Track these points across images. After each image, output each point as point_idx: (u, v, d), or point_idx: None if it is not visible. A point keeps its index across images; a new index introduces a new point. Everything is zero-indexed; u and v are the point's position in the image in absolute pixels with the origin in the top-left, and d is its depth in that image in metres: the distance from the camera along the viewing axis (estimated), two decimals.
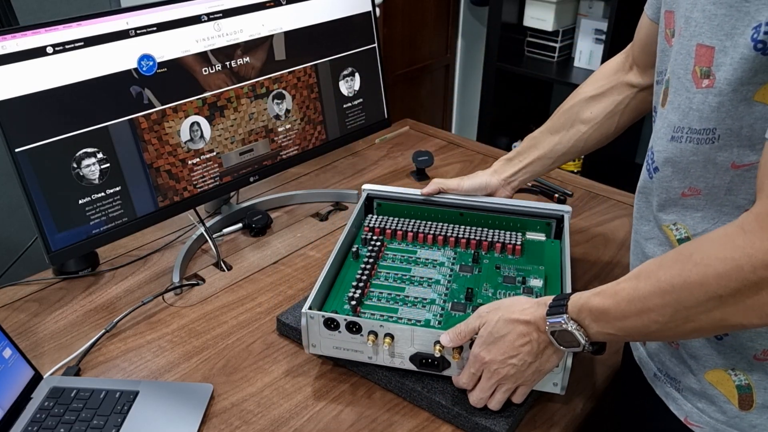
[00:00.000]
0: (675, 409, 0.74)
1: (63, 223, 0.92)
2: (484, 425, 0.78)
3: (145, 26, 0.96)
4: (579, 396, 0.85)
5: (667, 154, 0.67)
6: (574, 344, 0.69)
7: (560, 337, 0.69)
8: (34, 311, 1.01)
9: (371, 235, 1.01)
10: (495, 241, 0.98)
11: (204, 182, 1.07)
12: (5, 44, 0.84)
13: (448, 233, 1.00)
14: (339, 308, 0.86)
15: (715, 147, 0.62)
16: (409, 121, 1.67)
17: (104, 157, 0.95)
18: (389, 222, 1.03)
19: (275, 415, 0.82)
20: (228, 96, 1.07)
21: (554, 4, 2.40)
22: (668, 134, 0.66)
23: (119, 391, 0.82)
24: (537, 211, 1.02)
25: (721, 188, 0.63)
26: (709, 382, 0.69)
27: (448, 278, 0.92)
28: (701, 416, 0.70)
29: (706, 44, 0.60)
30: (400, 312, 0.86)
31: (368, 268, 0.92)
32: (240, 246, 1.17)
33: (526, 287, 0.90)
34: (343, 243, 0.95)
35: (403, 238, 1.01)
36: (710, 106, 0.61)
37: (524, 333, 0.72)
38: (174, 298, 1.03)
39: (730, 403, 0.68)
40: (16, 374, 0.81)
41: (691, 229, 0.67)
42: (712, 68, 0.60)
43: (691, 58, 0.62)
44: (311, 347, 0.84)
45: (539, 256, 0.97)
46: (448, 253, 0.98)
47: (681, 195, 0.67)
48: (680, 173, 0.66)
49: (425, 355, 0.80)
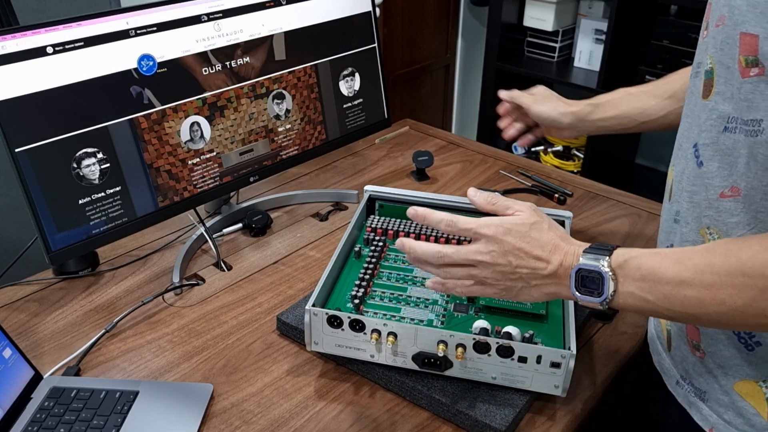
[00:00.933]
0: (699, 419, 0.71)
1: (63, 223, 0.92)
2: (485, 423, 0.78)
3: (145, 26, 0.96)
4: (579, 396, 0.85)
5: (718, 146, 0.64)
6: (594, 293, 0.63)
7: (583, 280, 0.64)
8: (34, 311, 1.01)
9: (373, 236, 1.01)
10: None
11: (204, 182, 1.07)
12: (5, 44, 0.84)
13: (450, 235, 1.00)
14: (342, 306, 0.86)
15: (759, 141, 0.60)
16: (409, 121, 1.67)
17: (104, 157, 0.95)
18: (391, 223, 1.03)
19: (275, 415, 0.82)
20: (228, 96, 1.07)
21: (554, 4, 2.40)
22: (720, 125, 0.63)
23: (119, 391, 0.82)
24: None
25: (759, 190, 0.61)
26: (738, 393, 0.67)
27: None
28: (728, 428, 0.68)
29: (750, 32, 0.58)
30: (402, 311, 0.86)
31: (371, 268, 0.92)
32: (240, 246, 1.17)
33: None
34: (346, 243, 0.95)
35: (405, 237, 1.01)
36: (762, 95, 0.58)
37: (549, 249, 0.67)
38: (174, 298, 1.03)
39: (759, 416, 0.66)
40: (16, 374, 0.81)
41: (725, 235, 0.65)
42: (759, 57, 0.58)
43: (736, 47, 0.60)
44: (313, 345, 0.84)
45: None
46: None
47: (719, 196, 0.65)
48: (726, 168, 0.63)
49: (428, 354, 0.80)
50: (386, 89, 1.33)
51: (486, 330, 0.81)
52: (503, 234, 0.68)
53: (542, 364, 0.77)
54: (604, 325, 0.98)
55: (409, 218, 1.04)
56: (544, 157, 2.62)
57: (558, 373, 0.77)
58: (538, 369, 0.78)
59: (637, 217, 1.26)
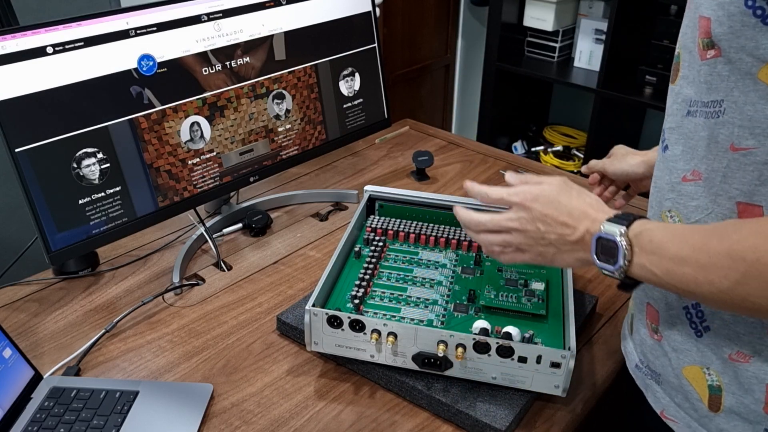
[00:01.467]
0: (653, 401, 0.73)
1: (63, 223, 0.92)
2: (485, 423, 0.78)
3: (145, 26, 0.96)
4: (579, 396, 0.85)
5: (682, 129, 0.65)
6: (611, 262, 0.64)
7: (602, 246, 0.65)
8: (34, 311, 1.01)
9: (373, 236, 1.01)
10: None
11: (204, 182, 1.07)
12: (5, 44, 0.84)
13: (450, 235, 1.00)
14: (342, 306, 0.86)
15: (720, 122, 0.60)
16: (409, 121, 1.67)
17: (104, 157, 0.95)
18: (391, 223, 1.03)
19: (275, 415, 0.82)
20: (228, 96, 1.07)
21: (554, 4, 2.40)
22: (683, 109, 0.65)
23: (119, 391, 0.82)
24: None
25: (719, 173, 0.62)
26: (685, 377, 0.69)
27: (450, 280, 0.92)
28: (678, 411, 0.70)
29: (705, 15, 0.59)
30: (402, 311, 0.86)
31: (370, 268, 0.92)
32: (240, 246, 1.17)
33: (528, 290, 0.90)
34: (346, 243, 0.95)
35: (405, 240, 1.01)
36: (720, 76, 0.59)
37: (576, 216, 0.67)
38: (174, 298, 1.03)
39: (701, 402, 0.67)
40: (16, 374, 0.81)
41: (685, 219, 0.67)
42: (712, 38, 0.58)
43: (696, 30, 0.61)
44: (313, 345, 0.84)
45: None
46: (449, 255, 0.98)
47: (681, 179, 0.66)
48: (689, 152, 0.65)
49: (428, 354, 0.80)
50: (386, 89, 1.33)
51: (486, 330, 0.81)
52: (531, 201, 0.69)
53: (542, 364, 0.77)
54: (604, 325, 0.98)
55: (409, 219, 1.04)
56: (544, 157, 2.62)
57: (558, 373, 0.77)
58: (538, 369, 0.78)
59: None
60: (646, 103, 2.29)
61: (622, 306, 1.02)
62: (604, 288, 1.06)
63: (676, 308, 0.69)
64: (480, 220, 0.74)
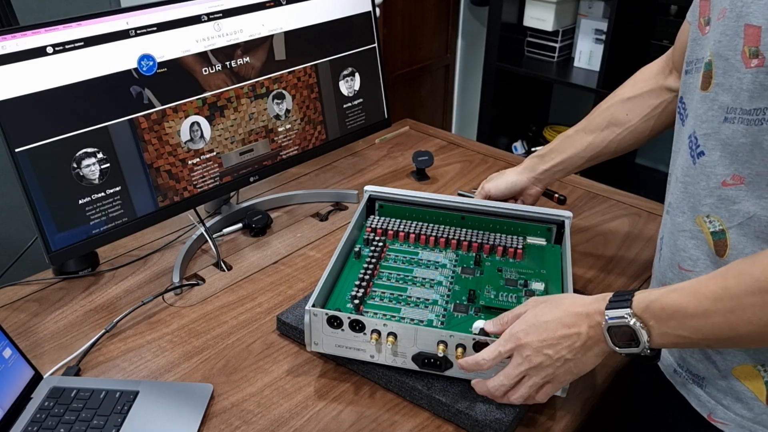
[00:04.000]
0: (697, 405, 0.72)
1: (63, 223, 0.92)
2: (485, 423, 0.78)
3: (145, 26, 0.96)
4: (579, 396, 0.85)
5: (720, 135, 0.65)
6: (633, 344, 0.64)
7: (617, 334, 0.65)
8: (34, 311, 1.01)
9: (373, 236, 1.01)
10: (496, 244, 0.98)
11: (204, 182, 1.07)
12: (5, 44, 0.84)
13: (450, 236, 1.00)
14: (342, 307, 0.86)
15: (764, 129, 0.60)
16: (409, 121, 1.67)
17: (104, 157, 0.95)
18: (391, 223, 1.03)
19: (275, 415, 0.82)
20: (228, 96, 1.07)
21: (554, 4, 2.40)
22: (720, 116, 0.65)
23: (119, 391, 0.82)
24: (538, 215, 1.02)
25: (764, 176, 0.62)
26: (736, 377, 0.68)
27: (450, 280, 0.92)
28: (726, 413, 0.69)
29: (754, 24, 0.59)
30: (402, 312, 0.86)
31: (370, 268, 0.92)
32: (240, 246, 1.17)
33: (528, 290, 0.90)
34: (346, 243, 0.95)
35: (405, 240, 1.01)
36: (762, 85, 0.59)
37: (570, 324, 0.68)
38: (174, 298, 1.03)
39: (757, 400, 0.67)
40: (16, 374, 0.81)
41: (726, 222, 0.66)
42: (760, 47, 0.59)
43: (740, 38, 0.61)
44: (313, 345, 0.84)
45: (540, 260, 0.97)
46: (449, 255, 0.98)
47: (721, 184, 0.66)
48: (728, 157, 0.64)
49: (428, 354, 0.80)
50: (386, 89, 1.33)
51: (485, 330, 0.81)
52: (524, 338, 0.71)
53: None
54: None
55: (410, 219, 1.04)
56: None
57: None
58: None
59: (637, 217, 1.26)
60: None
61: None
62: (603, 288, 1.06)
63: None
64: (495, 384, 0.74)
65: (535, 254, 0.98)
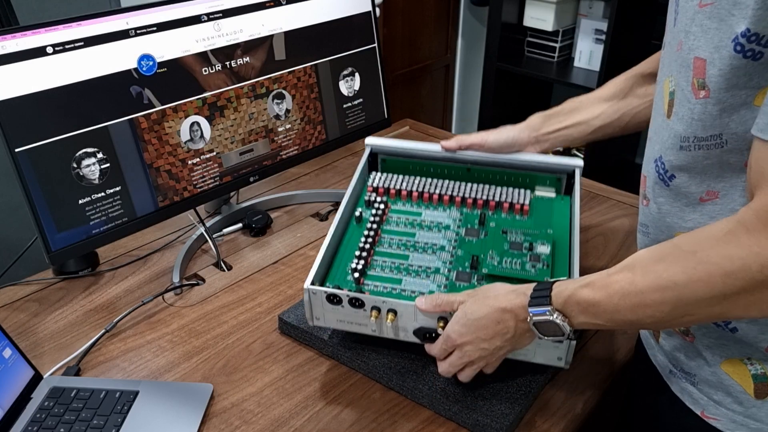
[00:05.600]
0: (691, 403, 0.73)
1: (63, 223, 0.92)
2: (485, 423, 0.78)
3: (145, 26, 0.96)
4: (579, 396, 0.85)
5: (679, 162, 0.67)
6: (558, 333, 0.69)
7: (542, 327, 0.70)
8: (34, 311, 1.01)
9: (375, 196, 0.98)
10: (502, 200, 0.95)
11: (204, 182, 1.07)
12: (5, 44, 0.84)
13: (454, 192, 0.97)
14: (342, 280, 0.85)
15: (726, 150, 0.62)
16: (409, 121, 1.67)
17: (104, 157, 0.95)
18: (394, 181, 1.00)
19: (275, 415, 0.82)
20: (228, 96, 1.07)
21: (554, 4, 2.40)
22: (676, 144, 0.67)
23: (119, 391, 0.82)
24: (547, 165, 0.98)
25: (737, 188, 0.63)
26: (725, 372, 0.69)
27: (453, 244, 0.91)
28: (718, 408, 0.70)
29: (701, 57, 0.61)
30: (403, 283, 0.85)
31: (371, 235, 0.90)
32: (240, 246, 1.17)
33: (533, 254, 0.88)
34: (346, 206, 0.93)
35: (407, 198, 0.98)
36: (711, 115, 0.61)
37: (499, 320, 0.73)
38: (174, 298, 1.03)
39: (746, 393, 0.68)
40: (16, 374, 0.81)
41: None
42: (706, 80, 0.61)
43: (690, 70, 0.63)
44: (315, 320, 0.84)
45: (548, 218, 0.94)
46: (453, 214, 0.95)
47: (699, 200, 0.67)
48: (697, 177, 0.66)
49: (429, 329, 0.80)
50: (386, 89, 1.33)
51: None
52: (458, 339, 0.76)
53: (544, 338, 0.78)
54: None
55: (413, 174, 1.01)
56: None
57: (561, 345, 0.77)
58: (541, 343, 0.77)
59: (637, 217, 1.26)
60: None
61: None
62: None
63: None
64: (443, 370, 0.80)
65: (543, 210, 0.95)
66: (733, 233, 0.56)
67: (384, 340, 0.88)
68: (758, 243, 0.54)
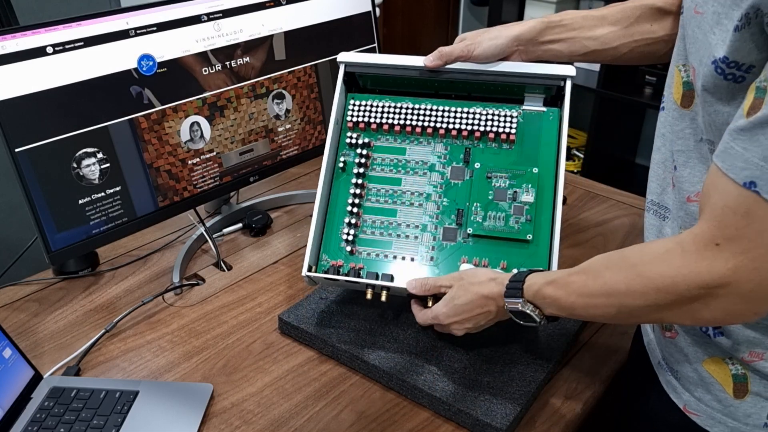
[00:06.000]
0: (674, 397, 0.75)
1: (63, 223, 0.92)
2: (485, 422, 0.78)
3: (145, 26, 0.96)
4: (579, 396, 0.85)
5: (692, 154, 0.67)
6: (531, 321, 0.74)
7: (517, 315, 0.75)
8: (34, 311, 1.01)
9: (356, 136, 0.94)
10: (488, 130, 0.92)
11: (204, 182, 1.07)
12: (5, 44, 0.84)
13: (438, 123, 0.93)
14: (335, 250, 0.91)
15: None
16: None
17: (104, 157, 0.95)
18: (374, 111, 0.95)
19: (275, 415, 0.82)
20: (228, 96, 1.07)
21: (554, 4, 2.41)
22: (697, 135, 0.67)
23: (119, 391, 0.82)
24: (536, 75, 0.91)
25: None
26: (706, 370, 0.70)
27: (439, 191, 0.91)
28: (698, 404, 0.71)
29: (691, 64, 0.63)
30: (393, 246, 0.90)
31: (358, 189, 0.92)
32: (240, 246, 1.17)
33: (517, 204, 0.88)
34: (330, 151, 0.92)
35: (389, 131, 0.95)
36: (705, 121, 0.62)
37: (482, 305, 0.78)
38: (174, 298, 1.03)
39: (725, 392, 0.68)
40: (16, 374, 0.81)
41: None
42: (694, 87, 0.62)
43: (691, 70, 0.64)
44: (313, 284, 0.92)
45: (535, 147, 0.91)
46: (438, 150, 0.93)
47: (686, 199, 0.68)
48: (696, 176, 0.67)
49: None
50: None
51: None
52: (445, 320, 0.81)
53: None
54: (604, 324, 0.98)
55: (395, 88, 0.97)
56: None
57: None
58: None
59: (637, 217, 1.26)
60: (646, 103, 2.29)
61: None
62: None
63: None
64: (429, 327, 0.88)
65: (531, 134, 0.92)
66: (670, 252, 0.60)
67: (384, 340, 0.89)
68: (687, 265, 0.58)
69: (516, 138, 0.92)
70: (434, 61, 0.93)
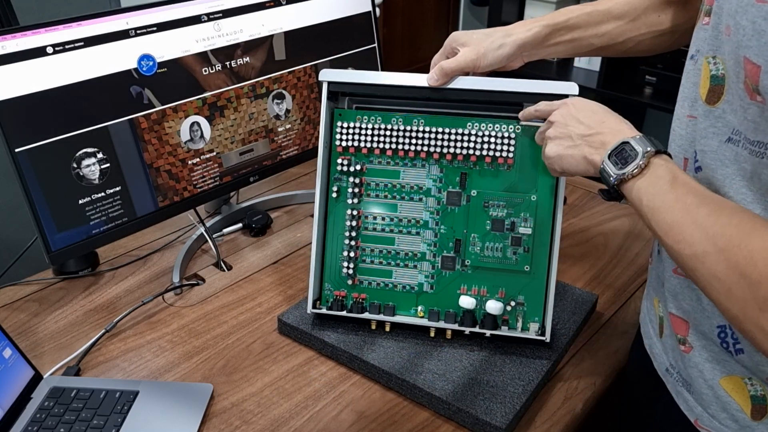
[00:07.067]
0: (685, 409, 0.72)
1: (63, 223, 0.92)
2: (485, 422, 0.78)
3: (145, 26, 0.96)
4: (579, 396, 0.85)
5: (718, 155, 0.62)
6: (619, 165, 0.66)
7: (621, 153, 0.66)
8: (34, 311, 1.01)
9: (348, 162, 0.91)
10: (484, 154, 0.88)
11: (204, 182, 1.07)
12: (5, 44, 0.84)
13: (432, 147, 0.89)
14: (337, 282, 0.92)
15: (764, 163, 0.57)
16: None
17: (104, 157, 0.95)
18: (363, 134, 0.91)
19: (275, 415, 0.82)
20: (228, 96, 1.07)
21: (554, 4, 2.41)
22: (724, 134, 0.61)
23: (119, 391, 0.82)
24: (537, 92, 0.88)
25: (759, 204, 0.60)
26: (723, 388, 0.67)
27: (436, 219, 0.90)
28: (712, 421, 0.68)
29: (753, 61, 0.54)
30: (393, 276, 0.92)
31: (354, 219, 0.91)
32: (240, 246, 1.17)
33: (515, 236, 0.88)
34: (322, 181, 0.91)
35: (382, 154, 0.91)
36: (765, 122, 0.56)
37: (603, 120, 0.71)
38: (174, 298, 1.03)
39: (742, 412, 0.65)
40: (16, 374, 0.81)
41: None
42: (759, 87, 0.55)
43: (741, 68, 0.57)
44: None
45: (533, 168, 0.88)
46: (433, 172, 0.90)
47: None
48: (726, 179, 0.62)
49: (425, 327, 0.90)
50: None
51: (471, 311, 0.89)
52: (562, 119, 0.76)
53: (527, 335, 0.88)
54: (604, 325, 0.98)
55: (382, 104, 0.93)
56: None
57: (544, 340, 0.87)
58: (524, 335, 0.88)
59: (637, 217, 1.25)
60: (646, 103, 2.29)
61: (623, 305, 1.02)
62: (604, 288, 1.06)
63: (708, 325, 0.66)
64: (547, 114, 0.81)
65: (529, 156, 0.88)
66: None
67: (384, 340, 0.90)
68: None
69: (514, 160, 0.88)
70: (439, 80, 0.89)
